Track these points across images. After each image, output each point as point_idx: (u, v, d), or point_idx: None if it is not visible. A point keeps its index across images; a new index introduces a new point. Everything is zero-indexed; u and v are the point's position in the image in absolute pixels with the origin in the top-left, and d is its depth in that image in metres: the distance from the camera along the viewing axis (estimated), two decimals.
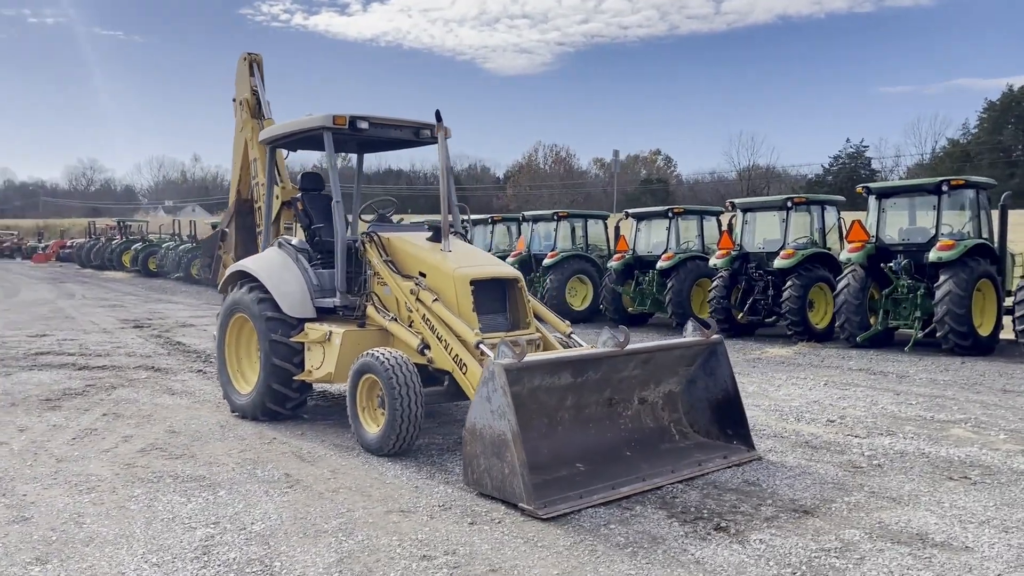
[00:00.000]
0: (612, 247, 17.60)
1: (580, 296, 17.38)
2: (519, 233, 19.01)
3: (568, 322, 7.19)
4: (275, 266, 7.69)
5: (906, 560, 4.33)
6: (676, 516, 5.01)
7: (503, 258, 17.90)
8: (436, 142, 8.03)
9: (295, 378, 7.26)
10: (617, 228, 17.56)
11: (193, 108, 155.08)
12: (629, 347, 6.03)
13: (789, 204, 13.99)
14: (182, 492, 5.47)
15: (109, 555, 4.39)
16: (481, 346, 6.21)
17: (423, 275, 6.88)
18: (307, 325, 7.37)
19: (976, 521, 4.92)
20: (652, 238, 16.49)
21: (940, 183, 12.10)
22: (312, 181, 8.53)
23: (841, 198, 14.88)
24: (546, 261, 17.04)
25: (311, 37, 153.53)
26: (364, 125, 7.39)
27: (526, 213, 18.76)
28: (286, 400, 7.45)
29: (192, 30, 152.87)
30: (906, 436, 7.01)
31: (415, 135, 7.79)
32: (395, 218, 8.27)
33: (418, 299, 6.68)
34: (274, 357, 7.32)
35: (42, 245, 53.35)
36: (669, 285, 15.24)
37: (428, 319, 6.57)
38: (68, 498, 5.35)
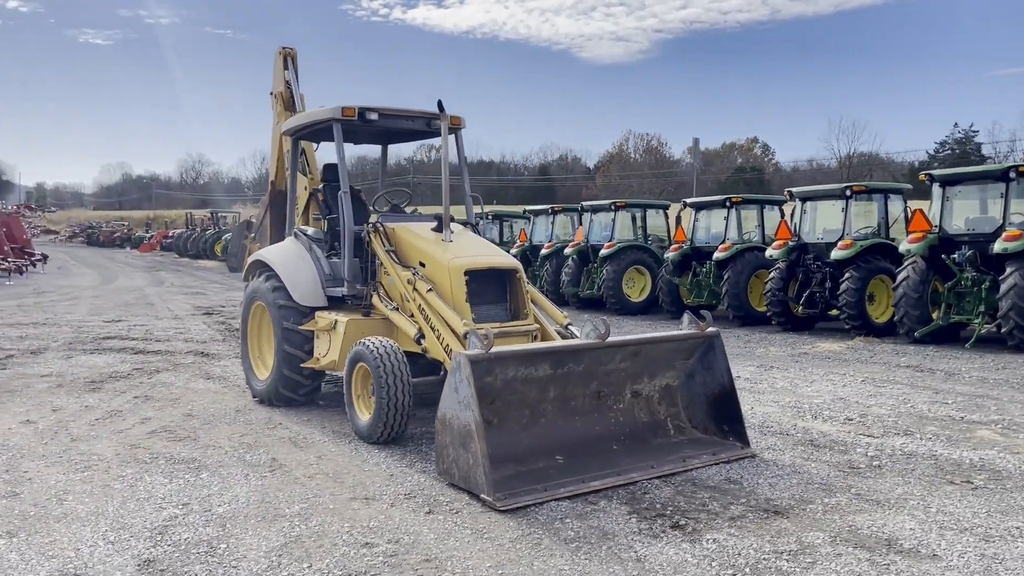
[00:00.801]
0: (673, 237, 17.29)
1: (638, 287, 17.15)
2: (580, 223, 18.88)
3: (565, 313, 7.10)
4: (289, 256, 7.88)
5: (861, 566, 4.13)
6: (639, 512, 4.91)
7: (562, 248, 17.86)
8: (451, 133, 8.12)
9: (302, 365, 7.43)
10: (678, 218, 17.23)
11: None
12: (612, 339, 5.94)
13: (848, 193, 13.43)
14: (167, 473, 5.68)
15: (73, 531, 4.60)
16: (470, 336, 6.21)
17: (423, 265, 6.92)
18: (317, 314, 7.53)
19: (958, 528, 4.65)
20: (712, 228, 16.12)
21: (1007, 169, 11.40)
22: (334, 172, 8.66)
23: (908, 186, 14.21)
24: (603, 251, 16.88)
25: (409, 30, 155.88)
26: (374, 116, 7.48)
27: (584, 203, 18.61)
28: (298, 387, 7.63)
29: (295, 26, 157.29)
30: (923, 437, 6.66)
31: (427, 125, 7.83)
32: (408, 209, 8.33)
33: (415, 289, 6.74)
34: (286, 344, 7.51)
35: (148, 235, 55.99)
36: (725, 277, 14.87)
37: (423, 309, 6.62)
38: (63, 476, 5.63)
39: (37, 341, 12.50)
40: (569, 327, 6.92)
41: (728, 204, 15.52)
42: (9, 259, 27.47)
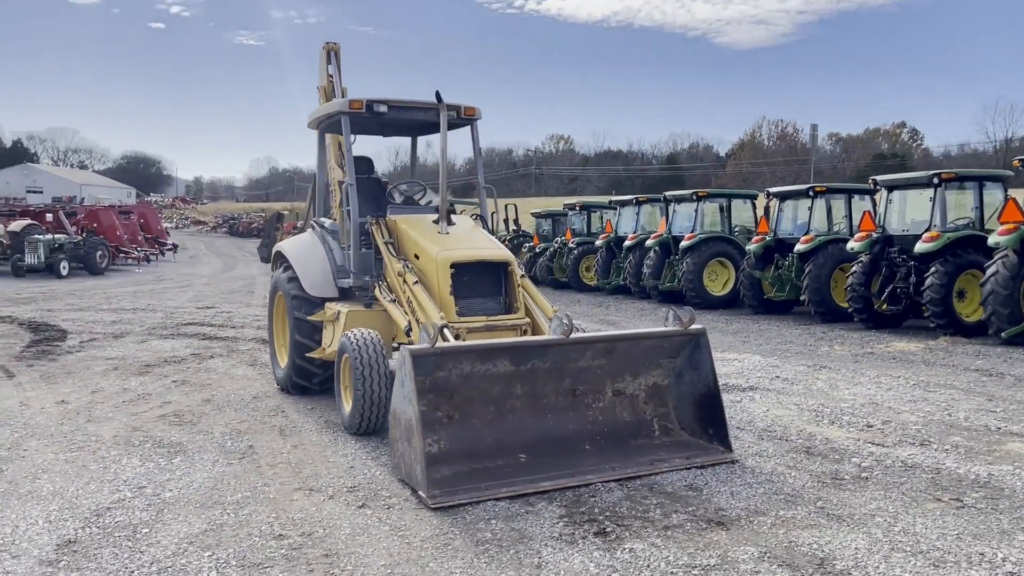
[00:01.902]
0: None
1: (721, 280, 16.56)
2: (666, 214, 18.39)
3: (555, 307, 6.90)
4: (303, 247, 8.04)
5: None
6: (571, 516, 4.73)
7: (644, 240, 17.47)
8: (467, 124, 8.07)
9: (308, 355, 7.57)
10: (767, 209, 16.50)
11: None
12: (581, 336, 5.75)
13: (937, 181, 12.45)
14: (145, 457, 5.92)
15: (25, 509, 4.85)
16: (445, 330, 6.15)
17: (417, 257, 6.91)
18: (327, 304, 7.65)
19: (911, 551, 4.23)
20: (799, 219, 15.34)
21: None
22: (359, 165, 8.78)
23: (1009, 173, 13.03)
24: (683, 243, 16.38)
25: (543, 21, 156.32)
26: (382, 109, 7.52)
27: (667, 193, 18.09)
28: (311, 376, 7.79)
29: (433, 22, 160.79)
30: (940, 448, 6.10)
31: (437, 115, 7.78)
32: (423, 201, 8.33)
33: (404, 281, 6.74)
34: (297, 334, 7.67)
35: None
36: (807, 270, 14.13)
37: (411, 301, 6.61)
38: (53, 455, 5.96)
39: (126, 326, 13.32)
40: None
41: (812, 193, 14.72)
42: (140, 248, 29.43)
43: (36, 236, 24.23)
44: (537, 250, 21.83)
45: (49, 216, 27.70)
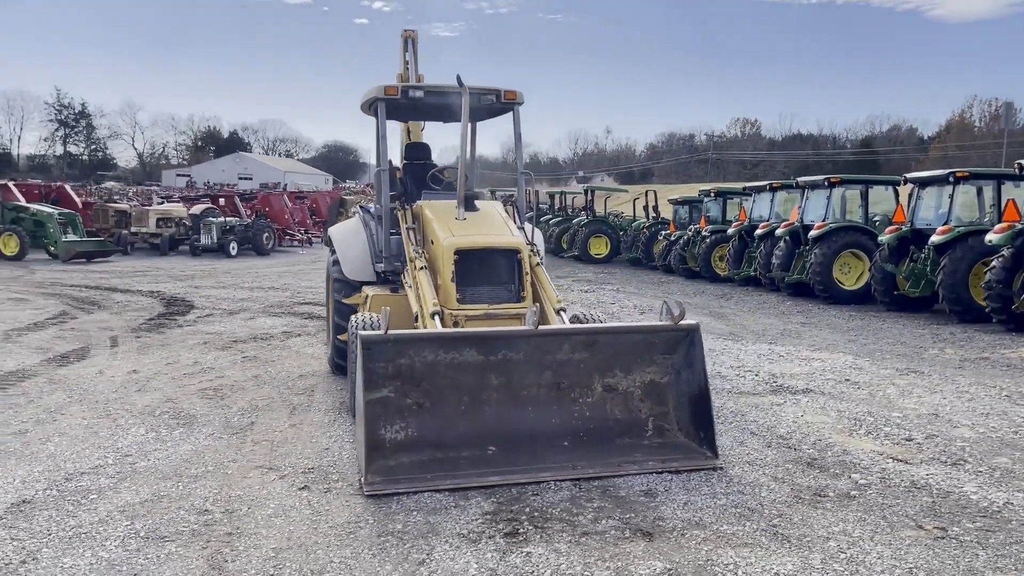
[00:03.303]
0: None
1: (855, 273, 15.35)
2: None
3: (559, 297, 6.64)
4: (348, 232, 8.21)
5: None
6: (496, 513, 4.57)
7: (774, 229, 16.53)
8: (509, 110, 7.93)
9: (338, 337, 7.73)
10: (911, 197, 15.10)
11: (609, 83, 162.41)
12: (557, 327, 5.54)
13: None
14: (152, 427, 6.27)
15: (14, 468, 5.28)
16: (436, 317, 6.11)
17: (432, 243, 6.88)
18: (363, 288, 7.79)
19: None
20: (940, 207, 13.93)
21: None
22: (415, 150, 8.86)
23: None
24: (812, 232, 15.32)
25: (735, 1, 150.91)
26: (418, 94, 7.54)
27: (801, 179, 16.92)
28: (347, 356, 7.96)
29: (629, 9, 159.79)
30: (972, 470, 5.37)
31: (477, 100, 7.70)
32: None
33: (414, 266, 6.74)
34: (335, 315, 7.87)
35: None
36: (942, 264, 12.81)
37: (418, 286, 6.60)
38: (80, 421, 6.44)
39: (248, 303, 14.21)
40: (561, 312, 6.50)
41: (952, 179, 13.30)
42: (304, 231, 31.28)
43: (211, 219, 26.33)
44: (672, 238, 21.16)
45: (223, 200, 29.99)
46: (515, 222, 7.44)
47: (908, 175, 14.67)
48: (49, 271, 19.93)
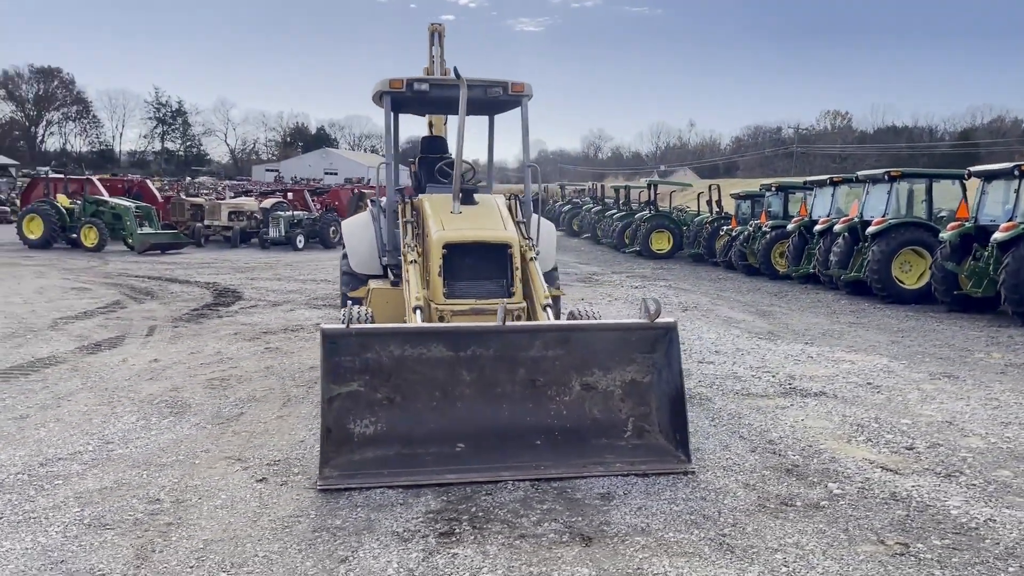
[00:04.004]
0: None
1: (916, 272, 14.63)
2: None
3: (547, 292, 6.48)
4: (357, 226, 8.24)
5: None
6: (441, 512, 4.51)
7: (833, 225, 15.94)
8: (518, 103, 7.81)
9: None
10: (977, 191, 14.31)
11: (694, 76, 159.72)
12: (517, 324, 5.43)
13: None
14: (145, 415, 6.40)
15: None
16: (417, 312, 6.07)
17: (427, 237, 6.83)
18: (369, 281, 7.81)
19: None
20: (1005, 203, 13.15)
21: None
22: (431, 144, 8.82)
23: None
24: (870, 229, 14.67)
25: None
26: (423, 87, 7.50)
27: (861, 173, 16.19)
28: None
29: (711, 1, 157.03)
30: (965, 483, 5.02)
31: (484, 93, 7.62)
32: (472, 181, 8.18)
33: (406, 259, 6.71)
34: (343, 308, 7.90)
35: None
36: (1004, 263, 12.09)
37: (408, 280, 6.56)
38: (82, 407, 6.62)
39: (294, 295, 14.47)
40: (547, 308, 6.36)
41: (1018, 173, 12.52)
42: None
43: (279, 212, 26.94)
44: (733, 233, 20.60)
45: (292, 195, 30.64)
46: (517, 216, 7.34)
47: (973, 168, 13.89)
48: (122, 262, 20.73)
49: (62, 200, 24.56)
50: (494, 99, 7.70)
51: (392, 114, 7.73)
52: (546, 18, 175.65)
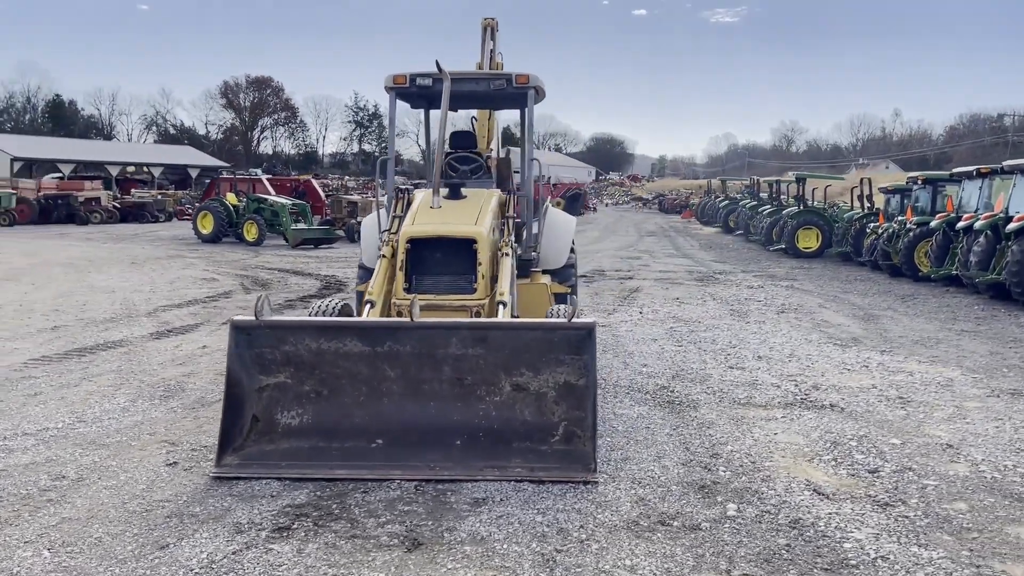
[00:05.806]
0: None
1: None
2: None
3: (507, 288, 6.21)
4: (374, 220, 8.31)
5: None
6: (302, 506, 4.51)
7: (954, 222, 14.40)
8: (523, 95, 7.62)
9: None
10: None
11: (900, 62, 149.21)
12: (427, 320, 5.31)
13: None
14: (131, 397, 6.75)
15: None
16: (368, 306, 6.08)
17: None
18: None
19: None
20: None
21: None
22: (461, 139, 8.76)
23: None
24: (1011, 225, 13.04)
25: None
26: (426, 82, 7.48)
27: (1007, 163, 14.34)
28: None
29: None
30: (899, 515, 4.37)
31: (488, 86, 7.50)
32: (478, 175, 8.03)
33: (380, 253, 6.72)
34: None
35: (690, 203, 57.58)
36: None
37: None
38: (90, 387, 7.10)
39: (330, 290, 14.78)
40: (500, 306, 6.13)
41: None
42: None
43: None
44: (880, 230, 18.94)
45: None
46: (508, 212, 7.17)
47: None
48: (271, 254, 22.14)
49: (230, 198, 26.65)
50: (500, 92, 7.55)
51: (394, 109, 7.75)
52: (744, 8, 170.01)
